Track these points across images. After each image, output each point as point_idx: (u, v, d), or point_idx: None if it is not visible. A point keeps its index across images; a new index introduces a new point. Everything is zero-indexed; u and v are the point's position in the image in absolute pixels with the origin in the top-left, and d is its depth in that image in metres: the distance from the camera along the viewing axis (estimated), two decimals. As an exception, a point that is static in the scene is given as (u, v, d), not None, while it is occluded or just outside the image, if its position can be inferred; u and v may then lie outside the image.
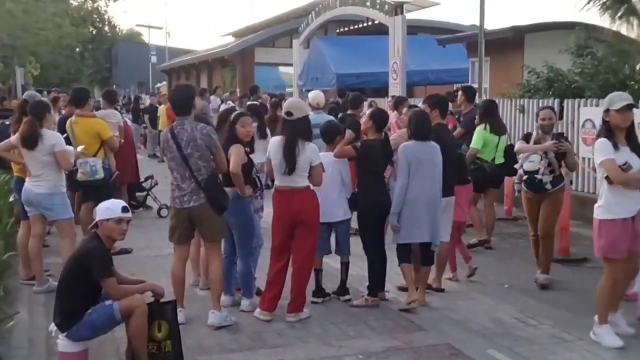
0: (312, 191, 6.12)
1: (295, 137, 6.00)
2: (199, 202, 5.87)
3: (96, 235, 4.92)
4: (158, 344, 4.91)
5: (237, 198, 6.26)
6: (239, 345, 5.56)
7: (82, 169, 8.15)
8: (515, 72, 14.46)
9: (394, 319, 6.20)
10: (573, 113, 10.86)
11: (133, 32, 71.34)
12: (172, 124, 6.11)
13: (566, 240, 8.29)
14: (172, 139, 5.88)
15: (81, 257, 4.83)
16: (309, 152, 6.00)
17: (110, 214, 4.90)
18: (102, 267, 4.78)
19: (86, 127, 8.33)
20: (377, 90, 19.56)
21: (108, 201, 5.10)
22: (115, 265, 7.16)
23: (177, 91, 6.27)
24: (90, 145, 8.26)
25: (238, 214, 6.30)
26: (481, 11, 14.00)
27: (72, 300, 4.79)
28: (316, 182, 6.11)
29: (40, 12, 32.70)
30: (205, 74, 38.37)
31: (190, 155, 5.83)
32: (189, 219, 5.95)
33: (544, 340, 5.64)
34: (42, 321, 6.02)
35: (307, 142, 6.03)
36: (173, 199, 6.00)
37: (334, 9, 20.12)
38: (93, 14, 63.21)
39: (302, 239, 6.10)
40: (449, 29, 25.55)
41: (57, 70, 48.02)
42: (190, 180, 5.86)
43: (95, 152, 8.34)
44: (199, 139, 5.83)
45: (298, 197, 6.06)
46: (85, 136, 8.32)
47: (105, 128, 8.49)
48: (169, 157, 5.99)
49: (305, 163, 6.00)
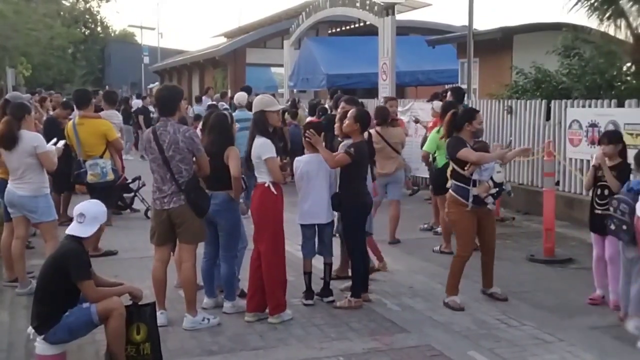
0: (265, 188, 6.04)
1: (252, 132, 6.08)
2: (178, 203, 5.85)
3: (74, 238, 4.89)
4: (137, 347, 4.90)
5: (227, 201, 6.26)
6: (220, 348, 5.55)
7: (92, 170, 8.17)
8: (505, 73, 14.47)
9: (377, 320, 6.20)
10: (560, 114, 10.87)
11: (126, 33, 71.21)
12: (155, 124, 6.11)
13: (551, 241, 8.30)
14: (154, 140, 5.86)
15: (59, 259, 4.81)
16: (257, 147, 6.00)
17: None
18: (80, 269, 4.76)
19: (92, 129, 8.34)
20: (369, 91, 19.55)
21: (99, 203, 5.10)
22: (100, 267, 7.16)
23: (162, 91, 6.28)
24: (95, 146, 8.29)
25: (228, 217, 6.30)
26: (470, 12, 14.04)
27: (50, 302, 4.77)
28: (274, 178, 6.03)
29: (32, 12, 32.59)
30: (197, 75, 38.27)
31: (171, 158, 5.81)
32: (168, 221, 5.93)
33: (525, 342, 5.64)
34: (23, 324, 5.97)
35: (258, 137, 6.03)
36: (153, 200, 6.00)
37: (324, 9, 20.08)
38: (85, 15, 63.07)
39: (259, 237, 6.12)
40: (440, 30, 25.51)
41: (49, 71, 47.91)
42: (170, 182, 5.84)
43: (101, 153, 8.36)
44: (181, 141, 5.81)
45: (254, 193, 6.15)
46: (90, 137, 8.32)
47: (111, 129, 8.53)
48: (150, 158, 5.97)
49: (255, 158, 6.03)
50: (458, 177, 6.49)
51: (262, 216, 6.07)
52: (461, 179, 6.45)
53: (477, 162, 6.38)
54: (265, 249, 6.06)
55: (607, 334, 5.81)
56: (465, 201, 6.40)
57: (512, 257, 8.55)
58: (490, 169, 6.42)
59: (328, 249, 6.76)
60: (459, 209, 6.47)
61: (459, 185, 6.47)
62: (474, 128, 6.57)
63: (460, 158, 6.42)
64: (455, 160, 6.48)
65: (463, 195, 6.42)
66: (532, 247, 8.81)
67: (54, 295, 4.77)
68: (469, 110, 6.83)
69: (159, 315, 5.80)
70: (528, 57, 13.47)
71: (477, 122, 6.62)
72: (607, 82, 11.50)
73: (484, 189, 6.39)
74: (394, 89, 16.69)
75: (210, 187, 6.30)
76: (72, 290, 4.81)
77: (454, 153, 6.46)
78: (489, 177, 6.41)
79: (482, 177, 6.40)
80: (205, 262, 6.51)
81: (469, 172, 6.41)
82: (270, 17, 34.32)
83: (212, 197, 6.24)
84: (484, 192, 6.39)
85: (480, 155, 6.48)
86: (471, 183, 6.41)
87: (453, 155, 6.48)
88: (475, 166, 6.39)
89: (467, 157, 6.40)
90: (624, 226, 5.75)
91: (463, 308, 6.41)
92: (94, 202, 5.17)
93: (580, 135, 10.36)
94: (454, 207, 6.55)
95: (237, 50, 32.15)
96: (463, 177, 6.43)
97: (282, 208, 6.14)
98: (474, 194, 6.38)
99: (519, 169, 11.80)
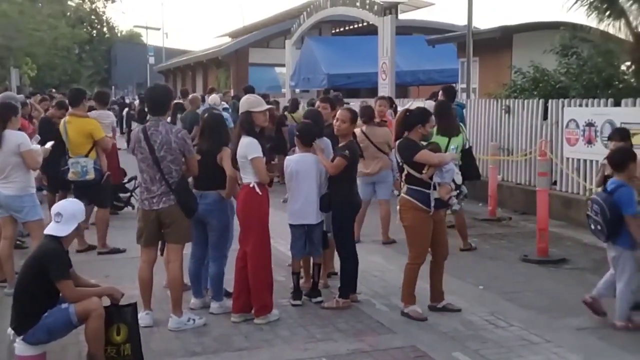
0: (250, 189, 5.98)
1: (238, 132, 6.04)
2: (168, 204, 5.83)
3: (53, 237, 4.87)
4: (117, 348, 4.87)
5: (218, 201, 6.24)
6: (204, 348, 5.51)
7: (73, 168, 8.23)
8: (504, 72, 14.41)
9: (364, 321, 6.15)
10: (557, 113, 10.81)
11: (132, 33, 71.40)
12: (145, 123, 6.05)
13: (545, 241, 8.24)
14: (144, 140, 5.82)
15: (38, 259, 4.78)
16: (243, 147, 5.95)
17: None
18: (58, 269, 4.73)
19: (79, 127, 8.38)
20: (370, 91, 19.53)
21: (77, 201, 5.06)
22: (92, 267, 7.18)
23: (153, 90, 6.27)
24: (82, 145, 8.31)
25: (220, 216, 6.28)
26: (469, 11, 14.01)
27: (29, 302, 4.75)
28: (259, 178, 5.96)
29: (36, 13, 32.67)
30: (200, 75, 38.37)
31: (162, 158, 5.78)
32: (157, 221, 5.90)
33: (512, 343, 5.59)
34: (6, 324, 5.95)
35: (244, 137, 5.98)
36: (141, 200, 5.96)
37: (325, 9, 20.10)
38: (91, 15, 63.21)
39: (244, 238, 6.09)
40: (443, 29, 25.48)
41: (54, 72, 48.02)
42: (160, 182, 5.81)
43: (87, 152, 8.38)
44: (174, 142, 5.79)
45: (239, 194, 6.11)
46: (77, 136, 8.38)
47: (97, 128, 8.53)
48: (139, 157, 5.91)
49: (241, 158, 5.97)
50: (414, 182, 6.09)
51: (247, 217, 6.03)
52: (418, 183, 6.06)
53: (439, 164, 6.05)
54: (251, 250, 6.02)
55: (594, 335, 5.75)
56: (425, 206, 6.05)
57: (505, 257, 8.50)
58: (451, 171, 6.12)
59: (317, 249, 6.71)
60: (417, 214, 6.09)
61: (417, 190, 6.07)
62: (425, 131, 6.24)
63: (418, 161, 6.04)
64: (411, 163, 6.09)
65: (422, 200, 6.04)
66: (527, 247, 8.75)
67: (33, 295, 4.75)
68: (424, 112, 6.37)
69: (144, 315, 5.80)
70: (527, 56, 13.42)
71: (430, 126, 6.35)
72: (605, 81, 11.43)
73: (447, 191, 6.08)
74: (394, 89, 16.67)
75: (201, 186, 6.28)
76: (52, 290, 4.78)
77: (409, 156, 6.07)
78: (451, 179, 6.12)
79: (444, 180, 6.07)
80: (193, 263, 6.48)
81: (427, 176, 6.04)
82: (273, 17, 34.36)
83: (202, 196, 6.23)
84: (447, 195, 6.13)
85: (441, 156, 6.20)
86: (432, 186, 6.09)
87: (409, 159, 6.07)
88: (433, 169, 6.05)
89: (427, 159, 6.04)
90: (598, 226, 5.82)
91: (426, 318, 6.11)
92: (71, 201, 5.15)
93: (577, 134, 10.30)
94: (410, 213, 6.13)
95: (239, 50, 32.22)
96: (420, 180, 6.05)
97: (267, 209, 6.10)
98: (435, 197, 6.09)
99: (516, 168, 11.75)
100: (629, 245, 5.80)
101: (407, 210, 6.18)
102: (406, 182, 6.20)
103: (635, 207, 5.74)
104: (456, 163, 6.45)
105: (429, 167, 6.05)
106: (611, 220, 5.74)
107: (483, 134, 12.51)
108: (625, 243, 5.81)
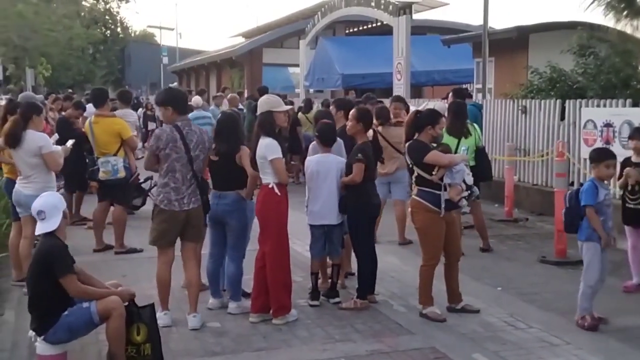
0: (270, 189, 5.98)
1: (257, 133, 6.03)
2: (197, 204, 5.94)
3: (53, 235, 4.85)
4: (137, 347, 4.88)
5: (238, 201, 6.24)
6: (222, 348, 5.53)
7: (104, 168, 8.31)
8: (520, 72, 14.33)
9: (382, 322, 6.15)
10: (575, 114, 10.75)
11: (146, 34, 71.65)
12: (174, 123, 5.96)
13: (563, 242, 8.18)
14: (180, 140, 5.84)
15: (41, 258, 4.77)
16: (263, 147, 5.95)
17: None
18: (61, 264, 4.71)
19: (106, 127, 8.45)
20: (384, 91, 19.49)
21: (53, 194, 5.10)
22: (109, 267, 7.20)
23: (176, 91, 6.35)
24: (110, 144, 8.40)
25: (239, 217, 6.29)
26: (485, 11, 13.93)
27: (44, 302, 4.76)
28: (279, 178, 5.96)
29: (51, 13, 32.84)
30: (214, 75, 38.40)
31: (196, 157, 5.89)
32: (185, 222, 5.92)
33: (531, 344, 5.56)
34: (28, 324, 5.96)
35: (263, 137, 5.97)
36: (169, 201, 5.86)
37: (340, 9, 20.08)
38: (105, 16, 63.43)
39: (263, 238, 6.09)
40: (458, 30, 25.35)
41: (69, 72, 48.26)
42: (190, 182, 5.87)
43: (115, 151, 8.48)
44: (207, 142, 6.00)
45: (258, 194, 6.12)
46: (105, 135, 8.45)
47: (125, 128, 8.64)
48: (173, 157, 5.83)
49: (260, 158, 5.97)
50: (424, 183, 6.08)
51: (266, 217, 6.03)
52: (429, 184, 6.05)
53: (449, 165, 6.02)
54: (269, 251, 6.02)
55: (614, 337, 5.71)
56: (436, 208, 6.03)
57: (523, 258, 8.47)
58: (462, 171, 6.08)
59: (337, 250, 6.71)
60: (428, 215, 6.08)
61: (427, 191, 6.06)
62: (435, 133, 6.19)
63: (428, 162, 6.02)
64: (421, 165, 6.08)
65: (433, 202, 6.03)
66: (544, 248, 8.69)
67: (44, 295, 4.74)
68: (433, 113, 6.34)
69: (162, 315, 5.82)
70: (544, 56, 13.34)
71: (440, 127, 6.26)
72: (623, 81, 11.36)
73: (457, 192, 6.05)
74: (409, 89, 16.63)
75: (220, 187, 6.31)
76: (61, 287, 4.77)
77: (419, 157, 6.05)
78: (461, 180, 6.07)
79: (455, 180, 6.04)
80: (212, 263, 6.50)
81: (437, 177, 6.03)
82: (287, 17, 34.37)
83: (221, 197, 6.26)
84: (457, 196, 6.07)
85: (451, 157, 6.19)
86: (442, 187, 6.07)
87: (419, 160, 6.07)
88: (444, 170, 6.03)
89: (437, 160, 6.02)
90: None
91: (445, 319, 6.09)
92: (45, 195, 5.09)
93: (594, 135, 10.23)
94: (421, 215, 6.13)
95: (253, 50, 32.21)
96: (431, 182, 6.04)
97: (286, 209, 6.09)
98: (446, 198, 6.06)
99: (533, 169, 11.69)
100: (585, 237, 5.94)
101: (418, 212, 6.19)
102: (416, 183, 6.19)
103: (594, 199, 5.83)
104: (466, 164, 6.39)
105: (438, 168, 6.04)
106: (569, 210, 6.01)
107: (499, 135, 12.46)
108: (582, 235, 5.97)
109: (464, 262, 6.46)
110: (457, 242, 6.44)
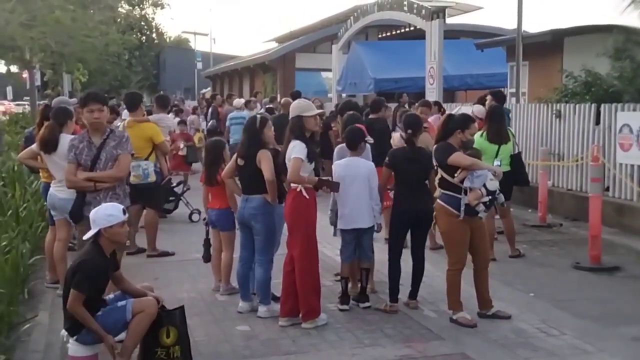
0: (298, 193, 6.00)
1: (288, 137, 6.07)
2: None
3: (96, 245, 4.89)
4: (167, 350, 4.90)
5: (264, 205, 6.26)
6: (252, 352, 5.54)
7: (135, 172, 8.35)
8: (554, 76, 14.17)
9: (412, 327, 6.11)
10: (610, 118, 10.59)
11: (181, 39, 72.27)
12: None
13: (597, 248, 8.05)
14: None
15: (75, 265, 4.83)
16: (290, 149, 5.99)
17: (115, 219, 4.90)
18: (79, 279, 4.71)
19: (139, 132, 8.52)
20: (417, 96, 19.40)
21: (107, 207, 5.04)
22: (141, 270, 7.30)
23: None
24: (142, 149, 8.45)
25: (265, 220, 6.30)
26: (519, 14, 13.81)
27: None
28: (289, 175, 5.98)
29: (88, 20, 33.26)
30: (247, 80, 38.62)
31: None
32: None
33: (564, 352, 5.48)
34: (61, 325, 6.02)
35: (293, 140, 6.00)
36: None
37: (372, 13, 20.05)
38: (141, 22, 64.11)
39: (292, 242, 6.11)
40: (491, 33, 25.16)
41: (105, 77, 48.85)
42: None
43: (147, 155, 8.55)
44: None
45: (287, 198, 6.16)
46: (137, 140, 8.48)
47: (157, 132, 8.71)
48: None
49: (288, 161, 5.99)
50: (447, 186, 6.08)
51: (295, 221, 6.04)
52: (451, 187, 6.04)
53: (470, 167, 5.97)
54: (298, 254, 6.03)
55: (650, 345, 5.61)
56: (456, 211, 6.01)
57: (557, 264, 8.35)
58: (483, 176, 6.00)
59: (366, 254, 6.68)
60: (450, 219, 6.07)
61: (449, 195, 6.06)
62: (465, 137, 6.14)
63: (451, 164, 6.01)
64: (445, 167, 6.07)
65: (454, 205, 6.02)
66: (578, 254, 8.57)
67: None
68: (465, 118, 6.34)
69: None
70: (579, 59, 13.17)
71: (470, 132, 6.20)
72: (660, 85, 11.16)
73: (475, 196, 5.97)
74: (441, 93, 16.53)
75: (247, 191, 6.33)
76: (95, 288, 4.81)
77: (444, 158, 6.07)
78: (481, 185, 5.99)
79: (474, 185, 5.98)
80: (241, 266, 6.54)
81: (458, 180, 6.00)
82: (320, 22, 34.40)
83: (248, 200, 6.29)
84: (475, 200, 5.99)
85: (473, 160, 6.08)
86: (462, 191, 6.01)
87: (443, 161, 6.08)
88: (465, 173, 5.99)
89: (459, 162, 6.00)
90: None
91: (475, 324, 6.03)
92: (102, 205, 5.16)
93: (630, 140, 10.06)
94: (444, 218, 6.12)
95: (286, 55, 32.32)
96: (453, 185, 6.02)
97: (315, 213, 6.09)
98: (465, 202, 6.00)
99: (567, 174, 11.53)
100: None
101: (441, 216, 6.19)
102: (440, 186, 6.19)
103: None
104: (494, 173, 6.17)
105: (461, 170, 6.01)
106: None
107: (533, 139, 12.32)
108: None
109: (497, 267, 6.37)
110: (484, 248, 6.36)
